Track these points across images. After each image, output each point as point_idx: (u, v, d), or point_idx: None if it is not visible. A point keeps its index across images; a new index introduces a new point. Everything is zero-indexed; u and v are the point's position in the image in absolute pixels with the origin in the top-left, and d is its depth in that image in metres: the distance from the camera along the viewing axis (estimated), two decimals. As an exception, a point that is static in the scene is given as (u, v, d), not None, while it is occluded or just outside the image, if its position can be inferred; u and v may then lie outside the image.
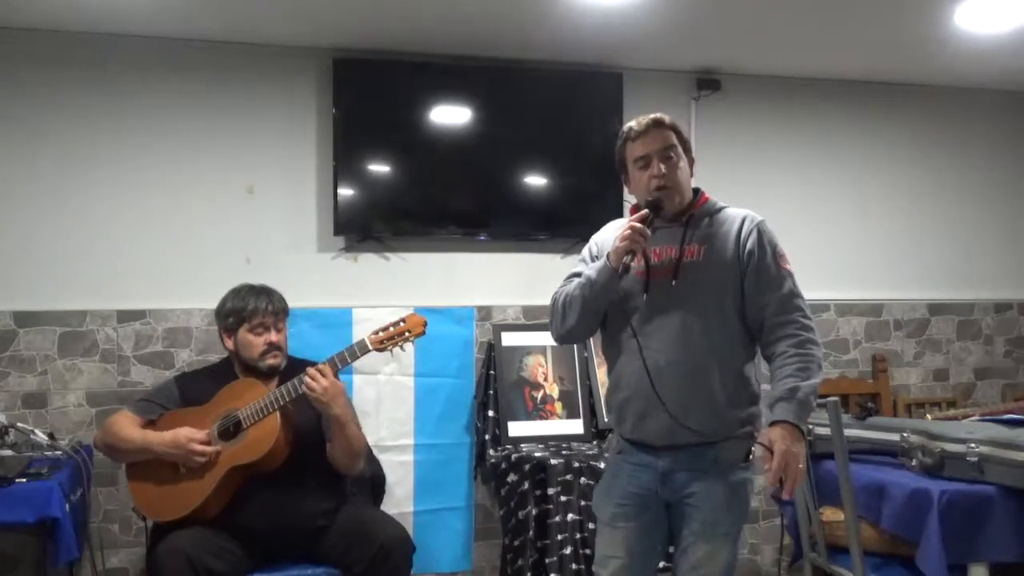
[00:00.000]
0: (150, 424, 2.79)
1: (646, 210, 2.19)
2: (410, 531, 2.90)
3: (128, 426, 2.76)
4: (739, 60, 3.93)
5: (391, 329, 2.73)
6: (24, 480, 2.70)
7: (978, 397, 4.38)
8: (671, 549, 2.32)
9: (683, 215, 2.26)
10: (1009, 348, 4.46)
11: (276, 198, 3.61)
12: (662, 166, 2.22)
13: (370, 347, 2.72)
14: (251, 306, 2.85)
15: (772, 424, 2.11)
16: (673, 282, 2.20)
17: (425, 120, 3.68)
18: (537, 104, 3.78)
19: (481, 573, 3.71)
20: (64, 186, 3.41)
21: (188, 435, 2.68)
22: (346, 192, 3.59)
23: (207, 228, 3.54)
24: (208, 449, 2.67)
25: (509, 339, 3.65)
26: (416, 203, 3.72)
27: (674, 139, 2.25)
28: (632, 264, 2.17)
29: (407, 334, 2.73)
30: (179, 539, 2.58)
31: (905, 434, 2.86)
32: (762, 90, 4.11)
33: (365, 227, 3.65)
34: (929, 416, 3.59)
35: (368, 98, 3.60)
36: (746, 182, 4.04)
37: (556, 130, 3.80)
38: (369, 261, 3.70)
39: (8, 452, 2.91)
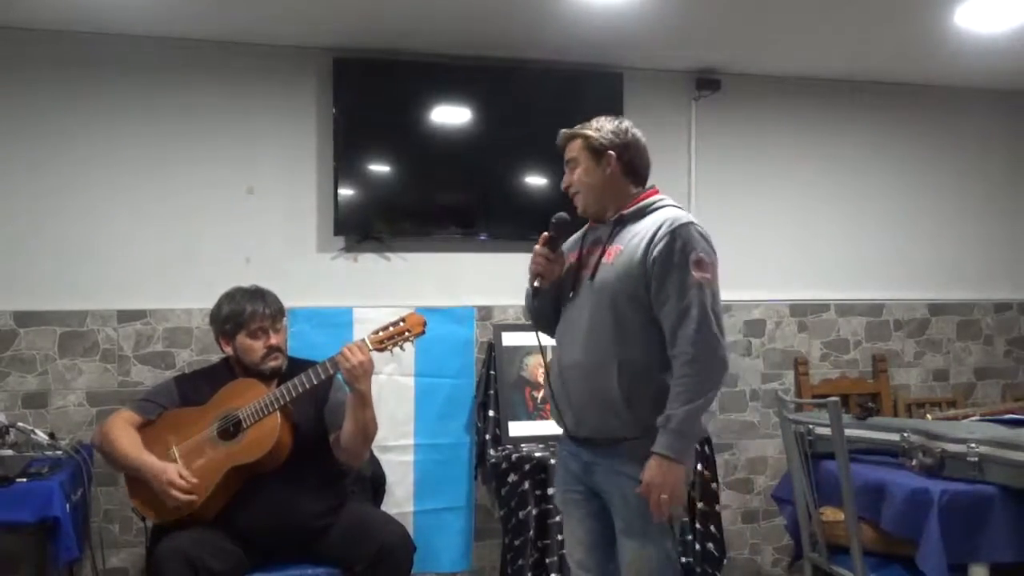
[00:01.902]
0: (149, 424, 2.79)
1: (546, 233, 2.33)
2: (410, 531, 2.89)
3: (127, 438, 2.72)
4: (739, 60, 3.93)
5: (391, 329, 2.73)
6: (24, 480, 2.70)
7: (978, 397, 4.38)
8: None
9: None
10: (1009, 348, 4.46)
11: (276, 198, 3.61)
12: (566, 176, 2.35)
13: (370, 347, 2.71)
14: (248, 310, 2.82)
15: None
16: (590, 281, 2.26)
17: (425, 120, 3.68)
18: (537, 104, 3.77)
19: (481, 573, 3.71)
20: (65, 186, 3.41)
21: (171, 478, 2.62)
22: (346, 192, 3.59)
23: (207, 228, 3.54)
24: (183, 498, 2.61)
25: (509, 339, 3.65)
26: (416, 203, 3.72)
27: (576, 148, 2.34)
28: (539, 286, 2.34)
29: (407, 334, 2.73)
30: (179, 539, 2.57)
31: (905, 434, 2.86)
32: (762, 90, 4.11)
33: (365, 227, 3.65)
34: (929, 416, 3.60)
35: (368, 98, 3.61)
36: (746, 182, 4.06)
37: (556, 130, 3.72)
38: (369, 261, 3.70)
39: (9, 452, 2.92)
